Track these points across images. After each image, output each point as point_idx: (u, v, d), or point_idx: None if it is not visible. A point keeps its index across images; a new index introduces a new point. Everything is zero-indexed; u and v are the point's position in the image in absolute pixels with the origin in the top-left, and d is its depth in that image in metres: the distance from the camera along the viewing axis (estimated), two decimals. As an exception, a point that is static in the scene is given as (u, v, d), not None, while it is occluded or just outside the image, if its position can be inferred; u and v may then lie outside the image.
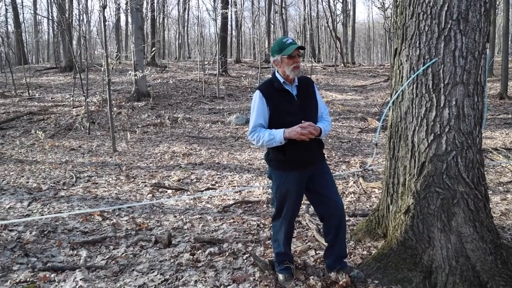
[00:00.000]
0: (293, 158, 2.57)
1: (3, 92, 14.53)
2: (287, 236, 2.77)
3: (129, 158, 7.29)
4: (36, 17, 33.63)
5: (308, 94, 2.68)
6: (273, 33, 32.04)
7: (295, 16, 48.99)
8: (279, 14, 31.49)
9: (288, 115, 2.55)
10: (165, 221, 4.16)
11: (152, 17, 25.41)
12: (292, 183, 2.60)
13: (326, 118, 2.73)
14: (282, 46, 2.54)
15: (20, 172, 6.30)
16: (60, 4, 17.50)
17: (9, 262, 3.23)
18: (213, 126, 10.29)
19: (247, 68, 22.02)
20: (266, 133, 2.51)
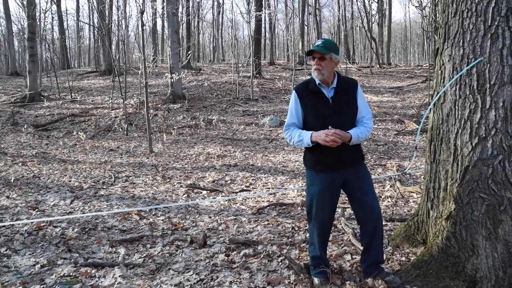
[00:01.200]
0: (321, 160, 2.59)
1: (48, 95, 15.26)
2: (321, 239, 2.74)
3: (165, 159, 7.45)
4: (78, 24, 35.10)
5: (346, 97, 2.62)
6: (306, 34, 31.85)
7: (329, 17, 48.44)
8: (313, 15, 31.25)
9: (319, 117, 2.55)
10: (200, 221, 4.22)
11: (187, 21, 25.91)
12: (321, 184, 2.61)
13: (366, 122, 2.63)
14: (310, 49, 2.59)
15: (63, 171, 6.58)
16: (101, 11, 18.20)
17: (54, 256, 3.38)
18: (247, 128, 10.34)
19: (280, 70, 21.99)
20: (297, 133, 2.58)
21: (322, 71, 2.54)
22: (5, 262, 3.28)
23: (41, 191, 5.48)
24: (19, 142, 9.59)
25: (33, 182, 5.94)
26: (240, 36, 44.63)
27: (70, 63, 29.21)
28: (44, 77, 19.67)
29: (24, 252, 3.49)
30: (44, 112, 12.75)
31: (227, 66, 23.16)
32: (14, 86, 18.59)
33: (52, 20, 31.94)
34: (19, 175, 6.32)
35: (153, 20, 28.91)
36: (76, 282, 2.95)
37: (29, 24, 14.95)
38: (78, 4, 32.69)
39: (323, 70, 2.54)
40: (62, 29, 27.65)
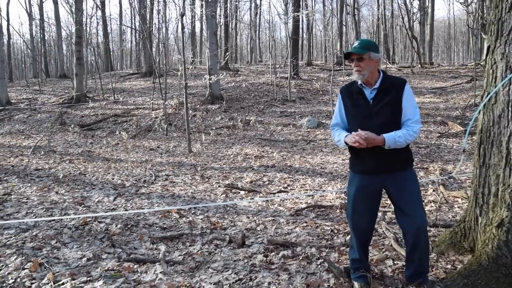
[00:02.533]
0: (358, 162, 2.59)
1: (93, 96, 15.93)
2: (359, 241, 2.68)
3: (203, 159, 7.57)
4: (121, 27, 36.43)
5: (388, 97, 2.49)
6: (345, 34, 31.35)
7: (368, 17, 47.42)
8: (351, 15, 30.72)
9: (357, 118, 2.54)
10: (238, 221, 4.25)
11: (225, 23, 26.22)
12: (358, 185, 2.58)
13: (410, 125, 2.45)
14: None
15: (107, 169, 6.83)
16: (143, 14, 18.78)
17: (99, 250, 3.51)
18: (285, 129, 10.31)
19: (318, 71, 21.78)
20: (337, 133, 2.62)
21: (363, 72, 2.48)
22: (56, 253, 3.45)
23: (86, 187, 5.72)
24: (66, 141, 10.08)
25: (79, 179, 6.22)
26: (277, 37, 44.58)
27: (113, 66, 30.34)
28: (89, 79, 20.54)
29: (72, 245, 3.66)
30: (89, 113, 13.32)
31: (265, 67, 23.23)
32: (62, 88, 19.57)
33: (97, 25, 33.35)
34: (66, 172, 6.63)
35: (192, 23, 29.49)
36: (120, 276, 3.05)
37: (77, 29, 15.67)
38: (121, 9, 33.97)
39: (364, 70, 2.47)
40: (106, 33, 28.76)
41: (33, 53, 30.30)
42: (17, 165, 7.36)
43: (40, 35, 30.29)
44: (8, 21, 29.14)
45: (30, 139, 10.51)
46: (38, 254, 3.46)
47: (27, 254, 3.44)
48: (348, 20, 33.98)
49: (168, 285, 2.87)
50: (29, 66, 40.70)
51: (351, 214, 2.65)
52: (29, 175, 6.54)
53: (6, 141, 10.41)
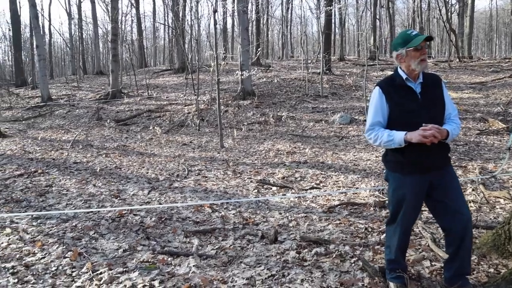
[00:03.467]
0: (412, 160, 2.38)
1: (128, 92, 16.35)
2: (401, 243, 2.59)
3: (235, 154, 7.61)
4: (154, 25, 37.14)
5: (434, 92, 2.44)
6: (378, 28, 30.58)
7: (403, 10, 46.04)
8: (386, 8, 29.90)
9: (409, 114, 2.37)
10: (270, 217, 4.24)
11: (257, 19, 26.18)
12: (410, 188, 2.42)
13: (454, 120, 2.44)
14: (407, 38, 2.37)
15: (141, 164, 7.00)
16: (176, 12, 19.05)
17: (134, 242, 3.60)
18: (317, 125, 10.20)
19: (351, 66, 21.37)
20: (385, 133, 2.37)
21: (426, 62, 2.40)
22: (94, 244, 3.57)
23: (122, 181, 5.88)
24: (103, 135, 10.39)
25: (115, 173, 6.40)
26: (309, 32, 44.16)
27: (146, 62, 31.02)
28: (124, 75, 21.08)
29: (109, 236, 3.77)
30: (124, 108, 13.68)
31: (296, 62, 23.05)
32: (99, 84, 20.21)
33: (131, 23, 34.15)
34: (103, 166, 6.84)
35: (224, 19, 29.66)
36: (154, 268, 3.12)
37: (113, 27, 16.10)
38: (155, 6, 34.62)
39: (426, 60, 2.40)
40: (140, 30, 29.42)
41: (72, 51, 31.46)
42: (57, 158, 7.66)
43: (78, 33, 31.38)
44: (50, 21, 30.39)
45: (69, 133, 10.91)
46: (78, 244, 3.59)
47: (67, 244, 3.58)
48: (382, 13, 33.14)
49: (201, 279, 2.91)
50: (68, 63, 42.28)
51: (402, 219, 2.51)
52: (68, 168, 6.80)
53: (48, 135, 10.85)
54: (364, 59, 17.11)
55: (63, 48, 44.84)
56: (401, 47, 2.40)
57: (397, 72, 2.48)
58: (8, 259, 3.30)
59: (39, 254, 3.38)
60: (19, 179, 6.07)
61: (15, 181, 5.97)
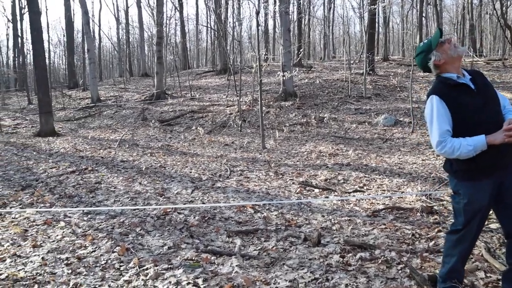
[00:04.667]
0: (487, 164, 2.20)
1: (172, 93, 16.79)
2: (466, 253, 2.43)
3: (277, 155, 7.60)
4: (197, 27, 37.89)
5: (486, 86, 2.29)
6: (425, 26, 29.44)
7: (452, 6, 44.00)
8: (433, 5, 28.73)
9: (474, 113, 2.19)
10: (313, 219, 4.19)
11: (299, 19, 26.04)
12: (486, 194, 2.24)
13: (510, 108, 2.30)
14: (427, 44, 2.34)
15: (185, 163, 7.15)
16: (219, 14, 19.34)
17: (178, 240, 3.68)
18: (360, 127, 9.99)
19: (395, 66, 20.74)
20: (462, 142, 2.16)
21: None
22: (140, 240, 3.69)
23: (166, 179, 6.04)
24: (148, 135, 10.74)
25: (160, 171, 6.58)
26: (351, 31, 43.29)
27: (189, 64, 31.72)
28: (168, 77, 21.68)
29: (154, 233, 3.87)
30: (168, 109, 14.06)
31: (338, 63, 22.70)
32: (144, 86, 20.91)
33: (175, 26, 35.08)
34: (148, 165, 7.05)
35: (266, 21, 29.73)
36: (198, 266, 3.16)
37: (158, 30, 16.61)
38: (198, 9, 35.41)
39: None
40: (183, 33, 30.12)
41: (119, 54, 32.80)
42: (105, 157, 8.00)
43: (125, 37, 32.65)
44: (100, 26, 31.88)
45: (116, 133, 11.37)
46: (125, 239, 3.72)
47: (115, 239, 3.71)
48: (429, 11, 31.87)
49: (244, 279, 2.91)
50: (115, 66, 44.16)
51: (472, 228, 2.33)
52: (116, 166, 7.07)
53: (97, 135, 11.37)
54: (410, 59, 16.53)
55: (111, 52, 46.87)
56: (431, 53, 2.32)
57: (442, 77, 2.33)
58: (63, 250, 3.48)
59: (90, 248, 3.53)
60: (71, 176, 6.39)
61: (68, 178, 6.29)
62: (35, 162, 7.73)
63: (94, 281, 2.95)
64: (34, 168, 7.17)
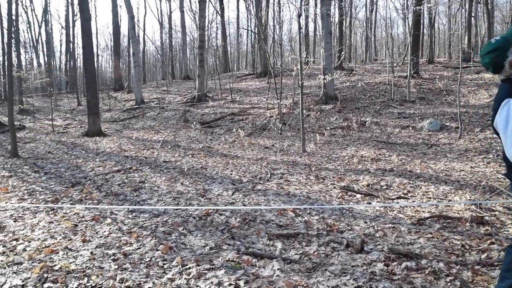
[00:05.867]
0: None
1: (212, 96, 17.06)
2: None
3: (317, 159, 7.52)
4: (238, 30, 38.31)
5: None
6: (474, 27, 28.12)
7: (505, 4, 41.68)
8: (483, 4, 27.40)
9: None
10: (355, 225, 4.10)
11: (340, 21, 25.70)
12: None
13: None
14: (505, 38, 2.15)
15: (225, 165, 7.23)
16: (260, 17, 19.45)
17: (220, 241, 3.72)
18: (403, 132, 9.69)
19: (441, 69, 19.97)
20: None
21: None
22: (183, 240, 3.76)
23: (207, 181, 6.13)
24: (189, 136, 10.97)
25: (201, 173, 6.69)
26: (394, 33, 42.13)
27: (230, 67, 32.12)
28: (209, 80, 22.06)
29: (196, 233, 3.94)
30: (209, 111, 14.29)
31: (380, 66, 22.17)
32: (186, 88, 21.39)
33: (216, 29, 35.67)
34: (190, 166, 7.20)
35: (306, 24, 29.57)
36: (240, 268, 3.18)
37: (200, 34, 16.96)
38: (238, 13, 35.65)
39: None
40: (224, 36, 30.57)
41: (162, 58, 33.75)
42: (149, 157, 8.25)
43: (168, 41, 33.56)
44: (144, 31, 33.02)
45: (159, 134, 11.70)
46: (168, 238, 3.81)
47: (159, 237, 3.81)
48: (479, 10, 30.42)
49: (286, 283, 2.90)
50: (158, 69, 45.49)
51: None
52: (158, 166, 7.27)
53: (140, 135, 11.75)
54: (458, 61, 15.86)
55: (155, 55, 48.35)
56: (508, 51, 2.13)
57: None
58: (110, 246, 3.61)
59: (135, 245, 3.64)
60: (117, 175, 6.64)
61: (114, 176, 6.54)
62: (83, 160, 8.10)
63: (139, 277, 3.04)
64: (83, 166, 7.52)
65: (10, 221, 4.40)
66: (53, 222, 4.33)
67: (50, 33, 32.10)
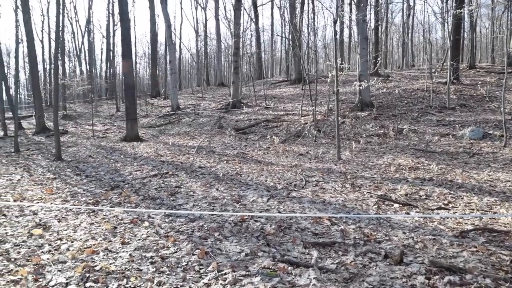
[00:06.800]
0: None
1: (247, 102, 17.19)
2: None
3: (353, 167, 7.39)
4: (272, 37, 38.50)
5: None
6: (520, 31, 26.78)
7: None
8: (531, 7, 26.10)
9: None
10: (393, 236, 3.98)
11: (376, 27, 25.28)
12: None
13: None
14: None
15: (260, 171, 7.24)
16: (295, 24, 19.46)
17: (255, 248, 3.71)
18: (442, 140, 9.36)
19: (483, 74, 19.18)
20: None
21: None
22: (218, 245, 3.79)
23: (242, 187, 6.16)
24: (223, 142, 11.07)
25: (236, 179, 6.73)
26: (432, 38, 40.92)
27: (264, 74, 32.28)
28: (243, 86, 22.26)
29: (232, 239, 3.95)
30: (243, 117, 14.39)
31: (418, 71, 21.58)
32: (220, 95, 21.68)
33: (250, 37, 36.02)
34: (225, 171, 7.26)
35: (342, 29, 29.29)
36: (275, 276, 3.16)
37: (235, 41, 17.14)
38: (273, 20, 35.94)
39: None
40: (258, 43, 30.82)
41: (198, 65, 34.41)
42: (184, 162, 8.39)
43: (203, 49, 34.21)
44: (180, 39, 33.81)
45: (194, 140, 11.89)
46: (204, 243, 3.84)
47: (195, 242, 3.86)
48: (526, 13, 28.99)
49: (322, 293, 2.85)
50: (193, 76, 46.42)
51: None
52: (194, 172, 7.38)
53: (176, 141, 12.00)
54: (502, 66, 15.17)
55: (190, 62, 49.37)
56: None
57: None
58: (148, 249, 3.69)
59: (172, 249, 3.71)
60: (154, 179, 6.80)
61: (151, 180, 6.70)
62: (122, 164, 8.36)
63: (176, 281, 3.08)
64: (121, 170, 7.75)
65: (54, 221, 4.60)
66: (94, 224, 4.48)
67: (92, 42, 33.57)
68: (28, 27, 16.30)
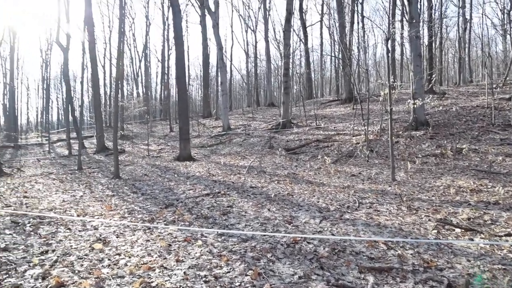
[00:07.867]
0: None
1: (297, 122, 17.19)
2: None
3: (408, 188, 7.09)
4: (321, 56, 38.49)
5: None
6: None
7: None
8: None
9: None
10: (456, 263, 3.74)
11: (429, 43, 24.48)
12: None
13: None
14: None
15: (311, 192, 7.15)
16: (345, 43, 19.36)
17: (308, 270, 3.65)
18: (508, 160, 8.74)
19: (552, 90, 17.84)
20: None
21: None
22: (271, 266, 3.76)
23: (294, 208, 6.10)
24: (274, 162, 11.10)
25: (287, 199, 6.69)
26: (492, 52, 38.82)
27: (313, 93, 32.21)
28: (293, 106, 22.32)
29: (284, 261, 3.91)
30: (293, 137, 14.38)
31: (477, 88, 20.50)
32: (270, 115, 21.88)
33: (300, 57, 36.26)
34: (276, 192, 7.25)
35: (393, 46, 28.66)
36: (330, 301, 3.07)
37: (285, 62, 17.35)
38: (322, 39, 35.87)
39: None
40: (308, 63, 30.90)
41: (248, 86, 35.09)
42: (236, 182, 8.49)
43: (254, 70, 34.89)
44: (231, 61, 34.73)
45: (245, 159, 12.03)
46: (257, 264, 3.83)
47: (248, 262, 3.86)
48: None
49: (381, 321, 2.73)
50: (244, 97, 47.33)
51: None
52: (245, 192, 7.44)
53: (227, 161, 12.20)
54: None
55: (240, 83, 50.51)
56: None
57: None
58: (201, 268, 3.75)
59: (225, 268, 3.73)
60: (206, 198, 6.94)
61: (203, 200, 6.84)
62: (175, 183, 8.62)
63: (230, 301, 3.09)
64: (175, 188, 7.99)
65: (113, 237, 4.81)
66: (150, 241, 4.63)
67: (148, 66, 35.44)
68: (93, 54, 17.59)
